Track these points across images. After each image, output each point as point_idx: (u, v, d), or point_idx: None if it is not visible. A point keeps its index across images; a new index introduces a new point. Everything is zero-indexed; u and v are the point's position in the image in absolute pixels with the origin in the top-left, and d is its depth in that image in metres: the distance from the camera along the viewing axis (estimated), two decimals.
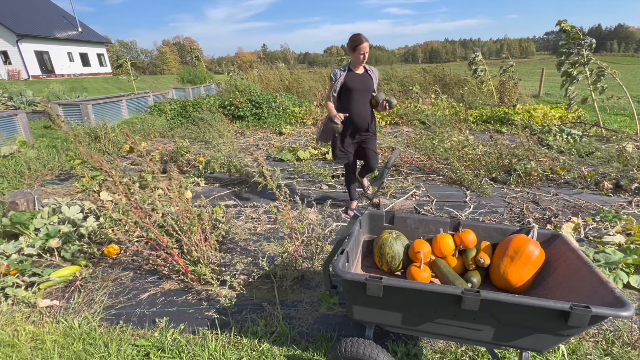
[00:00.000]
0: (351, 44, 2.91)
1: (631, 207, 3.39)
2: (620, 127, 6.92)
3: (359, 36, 2.88)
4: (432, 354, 1.75)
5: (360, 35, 2.87)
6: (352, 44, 2.90)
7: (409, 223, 2.00)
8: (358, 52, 2.89)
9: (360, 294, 1.36)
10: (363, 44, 2.85)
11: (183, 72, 20.44)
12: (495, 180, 4.22)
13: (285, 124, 8.00)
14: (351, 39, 2.91)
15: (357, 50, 2.88)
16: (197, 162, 4.80)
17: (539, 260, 1.65)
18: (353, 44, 2.89)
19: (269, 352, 1.78)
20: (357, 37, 2.88)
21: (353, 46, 2.89)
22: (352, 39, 2.90)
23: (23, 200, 3.19)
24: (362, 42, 2.85)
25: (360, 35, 2.88)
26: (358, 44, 2.86)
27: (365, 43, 2.86)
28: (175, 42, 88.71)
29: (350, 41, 2.92)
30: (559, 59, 6.57)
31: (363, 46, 2.86)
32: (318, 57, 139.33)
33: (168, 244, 2.31)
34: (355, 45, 2.88)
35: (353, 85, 3.00)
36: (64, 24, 30.13)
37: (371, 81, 3.07)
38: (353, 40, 2.90)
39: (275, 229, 3.13)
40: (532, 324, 1.24)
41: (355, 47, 2.88)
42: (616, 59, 46.93)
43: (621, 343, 1.80)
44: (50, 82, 17.16)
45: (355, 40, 2.88)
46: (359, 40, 2.87)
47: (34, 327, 2.00)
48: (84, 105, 7.40)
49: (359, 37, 2.88)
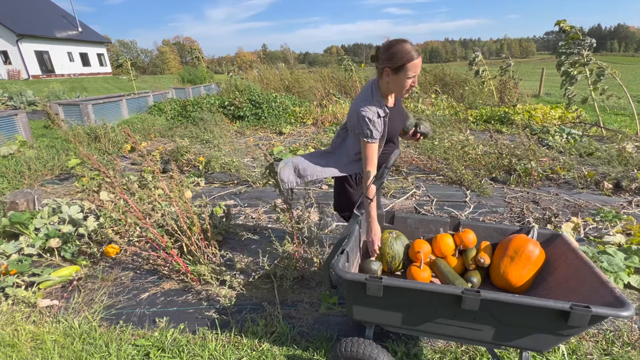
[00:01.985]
0: (393, 60, 1.64)
1: (631, 207, 3.39)
2: (620, 127, 6.92)
3: (406, 46, 1.62)
4: (432, 354, 1.75)
5: (408, 45, 1.62)
6: (397, 60, 1.63)
7: (409, 223, 2.00)
8: (405, 75, 1.65)
9: (360, 294, 1.36)
10: (415, 59, 1.62)
11: (183, 72, 20.43)
12: (495, 180, 4.22)
13: (285, 124, 8.00)
14: (393, 49, 1.63)
15: (405, 71, 1.64)
16: (197, 162, 4.79)
17: (539, 260, 1.65)
18: (399, 60, 1.62)
19: (269, 352, 1.78)
20: (403, 47, 1.62)
21: (397, 65, 1.63)
22: (397, 51, 1.62)
23: (23, 200, 3.19)
24: (413, 57, 1.61)
25: (408, 44, 1.63)
26: (407, 60, 1.62)
27: (419, 58, 1.64)
28: (175, 42, 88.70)
29: (391, 54, 1.64)
30: (559, 59, 6.56)
31: (415, 64, 1.63)
32: (318, 57, 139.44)
33: (167, 244, 2.31)
34: (402, 63, 1.62)
35: (393, 130, 1.87)
36: (64, 24, 30.14)
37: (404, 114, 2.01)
38: (398, 55, 1.62)
39: (276, 228, 3.13)
40: (532, 323, 1.24)
41: (401, 66, 1.63)
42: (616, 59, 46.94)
43: (621, 343, 1.80)
44: (50, 82, 17.16)
45: (403, 54, 1.61)
46: (409, 53, 1.61)
47: (34, 326, 2.00)
48: (84, 105, 7.39)
49: (408, 49, 1.61)
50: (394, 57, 1.63)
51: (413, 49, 1.62)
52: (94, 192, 3.39)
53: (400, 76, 1.66)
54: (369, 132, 1.76)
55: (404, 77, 1.66)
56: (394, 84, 1.72)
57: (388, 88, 1.77)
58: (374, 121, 1.75)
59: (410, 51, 1.61)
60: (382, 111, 1.77)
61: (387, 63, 1.66)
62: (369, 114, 1.74)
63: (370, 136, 1.77)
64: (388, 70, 1.68)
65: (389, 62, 1.66)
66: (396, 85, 1.72)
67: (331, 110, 8.65)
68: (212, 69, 28.91)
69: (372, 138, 1.77)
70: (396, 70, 1.65)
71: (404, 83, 1.68)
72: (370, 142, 1.78)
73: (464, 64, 12.24)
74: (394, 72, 1.67)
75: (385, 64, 1.68)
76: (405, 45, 1.62)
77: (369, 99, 1.78)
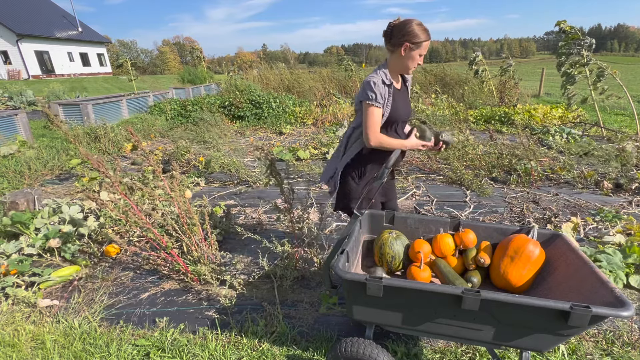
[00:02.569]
0: (403, 36, 1.71)
1: (631, 207, 3.39)
2: (620, 127, 6.92)
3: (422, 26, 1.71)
4: (432, 354, 1.75)
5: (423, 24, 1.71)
6: (417, 37, 1.70)
7: (409, 223, 2.00)
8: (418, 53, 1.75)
9: (360, 294, 1.35)
10: (429, 39, 1.74)
11: (183, 72, 20.44)
12: (495, 180, 4.22)
13: (285, 124, 8.01)
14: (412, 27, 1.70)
15: (420, 48, 1.74)
16: (197, 162, 4.80)
17: (539, 260, 1.65)
18: (418, 37, 1.70)
19: (269, 352, 1.78)
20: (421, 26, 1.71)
21: (417, 40, 1.70)
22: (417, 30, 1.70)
23: (23, 200, 3.19)
24: (429, 36, 1.73)
25: (419, 24, 1.71)
26: (424, 39, 1.71)
27: (428, 40, 1.74)
28: (175, 42, 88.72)
29: (401, 31, 1.72)
30: (559, 59, 6.56)
31: (427, 44, 1.75)
32: (318, 57, 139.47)
33: (168, 244, 2.31)
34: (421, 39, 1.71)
35: (398, 111, 1.87)
36: (64, 24, 30.14)
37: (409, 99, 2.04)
38: (418, 32, 1.70)
39: (276, 228, 3.13)
40: (532, 324, 1.24)
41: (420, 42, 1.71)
42: (616, 59, 46.93)
43: (621, 343, 1.80)
44: (50, 82, 17.16)
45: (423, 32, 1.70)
46: (425, 32, 1.71)
47: (34, 327, 2.00)
48: (84, 105, 7.40)
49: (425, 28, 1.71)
50: (415, 34, 1.71)
51: (423, 29, 1.73)
52: (94, 192, 3.39)
53: (416, 52, 1.75)
54: (372, 95, 1.77)
55: (417, 54, 1.75)
56: (407, 59, 1.78)
57: (397, 64, 1.82)
58: (378, 84, 1.77)
59: (426, 30, 1.73)
60: (387, 80, 1.81)
61: (408, 38, 1.71)
62: (373, 79, 1.78)
63: (374, 99, 1.77)
64: (407, 45, 1.73)
65: (411, 38, 1.71)
66: (409, 61, 1.78)
67: (331, 110, 8.65)
68: (212, 69, 28.91)
69: (375, 101, 1.77)
70: (415, 45, 1.72)
71: (416, 59, 1.78)
72: (373, 104, 1.78)
73: (464, 64, 12.25)
74: (412, 48, 1.74)
75: (405, 39, 1.72)
76: (423, 25, 1.73)
77: (375, 72, 1.85)
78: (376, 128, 1.80)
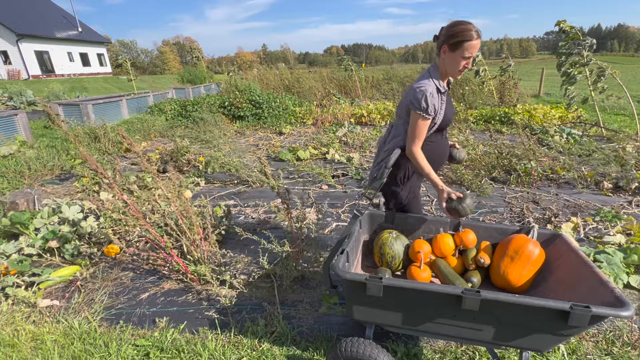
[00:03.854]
0: (452, 36, 1.65)
1: (631, 207, 3.39)
2: (620, 127, 6.92)
3: (468, 26, 1.63)
4: (432, 353, 1.75)
5: (470, 25, 1.64)
6: (454, 37, 1.64)
7: (410, 223, 2.00)
8: (460, 54, 1.66)
9: (361, 294, 1.35)
10: (474, 40, 1.63)
11: (183, 72, 20.46)
12: (495, 180, 4.22)
13: (285, 124, 8.01)
14: (455, 27, 1.65)
15: (461, 49, 1.65)
16: (197, 162, 4.80)
17: (539, 260, 1.65)
18: (456, 37, 1.64)
19: (269, 352, 1.78)
20: (466, 26, 1.63)
21: (455, 41, 1.65)
22: (456, 31, 1.64)
23: (23, 200, 3.19)
24: (472, 36, 1.62)
25: (472, 25, 1.64)
26: (466, 39, 1.63)
27: (478, 40, 1.64)
28: (175, 42, 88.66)
29: (452, 31, 1.65)
30: (559, 59, 6.56)
31: (472, 45, 1.63)
32: (318, 57, 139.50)
33: (167, 244, 2.31)
34: (459, 39, 1.64)
35: (447, 116, 1.82)
36: (64, 24, 30.12)
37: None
38: (457, 33, 1.64)
39: (276, 228, 3.13)
40: (532, 324, 1.24)
41: (459, 43, 1.64)
42: (616, 59, 46.93)
43: (621, 343, 1.80)
44: (50, 82, 17.15)
45: (462, 32, 1.63)
46: (469, 32, 1.62)
47: (34, 327, 2.00)
48: (84, 105, 7.40)
49: (469, 28, 1.63)
50: (453, 34, 1.64)
51: (474, 30, 1.62)
52: (94, 192, 3.39)
53: (456, 54, 1.66)
54: (425, 105, 1.68)
55: (459, 56, 1.66)
56: (449, 61, 1.71)
57: (443, 68, 1.75)
58: (433, 94, 1.69)
59: (470, 30, 1.62)
60: (442, 87, 1.74)
61: (447, 40, 1.67)
62: (428, 88, 1.69)
63: (426, 110, 1.68)
64: (445, 47, 1.68)
65: (449, 39, 1.66)
66: (451, 64, 1.71)
67: (331, 110, 8.65)
68: (212, 69, 28.93)
69: (427, 113, 1.69)
70: (453, 46, 1.65)
71: (459, 62, 1.68)
72: (424, 116, 1.69)
73: None
74: (451, 49, 1.67)
75: (444, 41, 1.68)
76: (467, 25, 1.63)
77: (426, 77, 1.75)
78: (421, 140, 1.75)
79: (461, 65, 1.68)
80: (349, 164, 4.93)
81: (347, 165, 4.92)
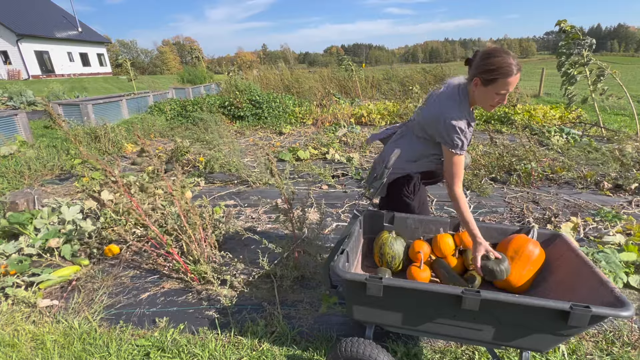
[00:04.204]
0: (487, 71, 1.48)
1: (631, 207, 3.39)
2: (620, 127, 6.92)
3: (507, 59, 1.45)
4: (432, 353, 1.75)
5: (510, 58, 1.46)
6: (490, 73, 1.48)
7: (409, 223, 2.00)
8: (495, 90, 1.50)
9: (361, 294, 1.35)
10: (513, 76, 1.46)
11: (183, 72, 20.46)
12: (495, 180, 4.22)
13: (285, 124, 8.01)
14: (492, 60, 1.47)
15: (496, 86, 1.49)
16: (197, 162, 4.80)
17: (539, 260, 1.65)
18: (493, 73, 1.47)
19: (269, 352, 1.78)
20: (505, 59, 1.45)
21: (490, 77, 1.48)
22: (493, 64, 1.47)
23: (23, 200, 3.19)
24: (511, 72, 1.45)
25: (511, 57, 1.46)
26: (504, 75, 1.46)
27: (518, 74, 1.48)
28: (175, 42, 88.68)
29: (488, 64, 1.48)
30: (559, 59, 6.56)
31: (511, 81, 1.47)
32: (318, 57, 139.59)
33: (168, 242, 2.31)
34: (496, 76, 1.47)
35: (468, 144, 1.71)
36: (64, 24, 30.14)
37: None
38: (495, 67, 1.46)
39: (276, 228, 3.12)
40: (532, 324, 1.24)
41: (494, 79, 1.48)
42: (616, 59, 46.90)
43: (621, 343, 1.80)
44: (50, 82, 17.15)
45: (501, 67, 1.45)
46: (509, 67, 1.45)
47: (34, 327, 2.00)
48: (84, 105, 7.40)
49: (509, 62, 1.45)
50: (489, 69, 1.46)
51: (514, 64, 1.44)
52: (94, 192, 3.39)
53: (490, 90, 1.49)
54: (459, 142, 1.56)
55: (493, 92, 1.49)
56: (480, 96, 1.55)
57: (473, 98, 1.60)
58: (465, 131, 1.56)
59: (510, 65, 1.44)
60: (471, 118, 1.61)
61: (480, 73, 1.50)
62: (460, 124, 1.54)
63: (461, 147, 1.58)
64: (478, 80, 1.51)
65: (483, 73, 1.49)
66: (482, 98, 1.55)
67: (331, 110, 8.65)
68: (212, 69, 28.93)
69: (462, 150, 1.58)
70: (487, 82, 1.48)
71: (492, 98, 1.51)
72: (459, 153, 1.59)
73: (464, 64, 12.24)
74: (484, 84, 1.50)
75: (477, 73, 1.51)
76: (506, 58, 1.44)
77: (457, 105, 1.59)
78: (462, 177, 1.64)
79: (495, 101, 1.53)
80: (349, 164, 4.93)
81: (347, 165, 4.92)
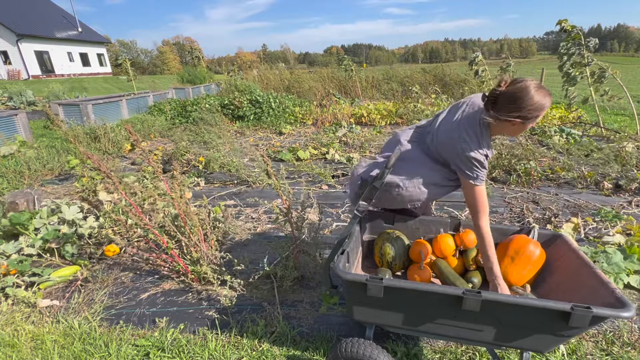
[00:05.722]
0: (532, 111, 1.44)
1: (631, 207, 3.38)
2: (620, 127, 6.92)
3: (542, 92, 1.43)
4: (432, 354, 1.75)
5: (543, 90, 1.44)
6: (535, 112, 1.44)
7: (409, 223, 2.00)
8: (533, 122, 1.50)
9: (361, 295, 1.35)
10: (549, 105, 1.46)
11: (183, 72, 20.45)
12: (495, 180, 4.22)
13: (285, 124, 8.00)
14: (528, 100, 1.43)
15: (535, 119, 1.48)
16: (197, 162, 4.79)
17: (539, 260, 1.65)
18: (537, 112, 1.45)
19: (269, 352, 1.78)
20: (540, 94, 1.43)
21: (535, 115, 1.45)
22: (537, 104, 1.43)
23: (23, 200, 3.19)
24: (548, 103, 1.44)
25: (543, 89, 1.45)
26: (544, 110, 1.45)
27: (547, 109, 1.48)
28: (175, 42, 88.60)
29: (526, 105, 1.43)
30: (560, 60, 6.56)
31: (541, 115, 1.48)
32: (318, 57, 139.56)
33: (168, 244, 2.30)
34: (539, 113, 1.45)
35: None
36: (64, 24, 30.12)
37: None
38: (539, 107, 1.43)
39: (276, 228, 3.12)
40: (533, 324, 1.24)
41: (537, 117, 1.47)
42: (616, 59, 46.89)
43: (621, 343, 1.80)
44: (50, 82, 17.14)
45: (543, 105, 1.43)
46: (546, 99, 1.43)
47: (34, 327, 2.00)
48: (84, 105, 7.39)
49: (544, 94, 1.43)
50: (534, 109, 1.44)
51: (548, 93, 1.44)
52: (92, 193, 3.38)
53: (527, 124, 1.49)
54: (478, 173, 1.56)
55: (530, 124, 1.49)
56: (516, 130, 1.54)
57: (501, 132, 1.59)
58: (484, 163, 1.56)
59: (546, 96, 1.43)
60: (490, 152, 1.58)
61: (524, 114, 1.44)
62: (479, 157, 1.54)
63: (481, 178, 1.57)
64: (519, 121, 1.47)
65: (527, 113, 1.44)
66: (517, 131, 1.54)
67: (331, 111, 8.65)
68: (212, 69, 28.92)
69: (481, 180, 1.58)
70: (528, 120, 1.46)
71: (526, 128, 1.52)
72: (480, 184, 1.58)
73: (464, 64, 12.24)
74: (525, 122, 1.47)
75: (517, 114, 1.45)
76: (540, 92, 1.43)
77: (478, 137, 1.55)
78: (487, 209, 1.61)
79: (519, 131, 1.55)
80: (349, 164, 4.93)
81: (347, 165, 4.91)
